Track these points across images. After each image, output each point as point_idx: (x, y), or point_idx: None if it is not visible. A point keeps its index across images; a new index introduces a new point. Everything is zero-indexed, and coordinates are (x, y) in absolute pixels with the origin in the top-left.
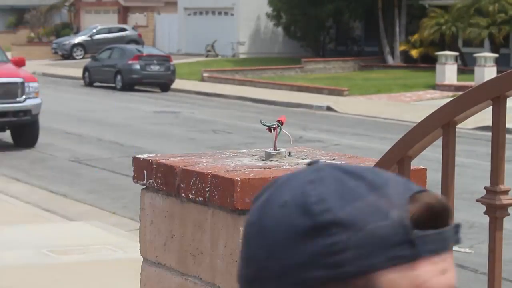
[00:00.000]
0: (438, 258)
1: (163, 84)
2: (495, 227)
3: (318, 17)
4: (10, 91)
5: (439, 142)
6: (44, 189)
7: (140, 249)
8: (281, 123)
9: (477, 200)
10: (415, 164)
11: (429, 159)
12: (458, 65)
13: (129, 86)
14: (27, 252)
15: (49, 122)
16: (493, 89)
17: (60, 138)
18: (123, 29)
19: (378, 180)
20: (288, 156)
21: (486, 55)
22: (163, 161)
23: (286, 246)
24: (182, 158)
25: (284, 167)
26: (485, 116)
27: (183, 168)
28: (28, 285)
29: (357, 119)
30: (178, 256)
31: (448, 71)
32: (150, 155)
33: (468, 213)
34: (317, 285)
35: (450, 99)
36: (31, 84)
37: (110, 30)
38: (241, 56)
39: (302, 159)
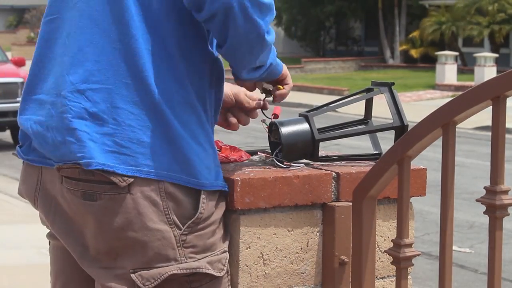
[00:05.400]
0: None
1: None
2: (495, 227)
3: (318, 17)
4: (10, 91)
5: (439, 142)
6: None
7: None
8: (276, 116)
9: (477, 200)
10: (415, 163)
11: (429, 159)
12: (458, 65)
13: None
14: (27, 252)
15: None
16: (493, 89)
17: None
18: None
19: None
20: None
21: (486, 55)
22: None
23: None
24: None
25: (284, 167)
26: (485, 116)
27: None
28: (28, 285)
29: (357, 119)
30: None
31: (448, 71)
32: None
33: (468, 213)
34: None
35: (450, 99)
36: None
37: None
38: None
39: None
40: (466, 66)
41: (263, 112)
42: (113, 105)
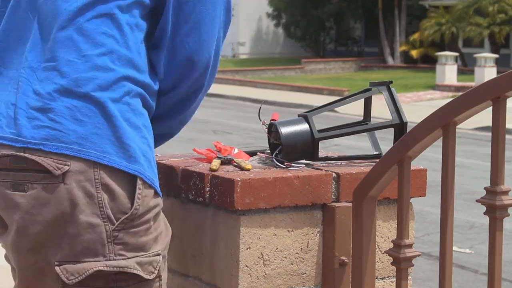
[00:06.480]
0: None
1: None
2: (495, 227)
3: (318, 17)
4: None
5: (439, 142)
6: None
7: None
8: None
9: (477, 201)
10: (415, 164)
11: (429, 159)
12: (458, 66)
13: None
14: None
15: None
16: (493, 90)
17: None
18: None
19: None
20: None
21: (486, 55)
22: (163, 161)
23: None
24: (182, 158)
25: (284, 167)
26: (485, 117)
27: (183, 168)
28: None
29: (357, 119)
30: (178, 256)
31: (448, 71)
32: None
33: (468, 214)
34: None
35: (450, 99)
36: None
37: None
38: (241, 57)
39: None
40: (466, 66)
41: (259, 118)
42: (54, 81)
